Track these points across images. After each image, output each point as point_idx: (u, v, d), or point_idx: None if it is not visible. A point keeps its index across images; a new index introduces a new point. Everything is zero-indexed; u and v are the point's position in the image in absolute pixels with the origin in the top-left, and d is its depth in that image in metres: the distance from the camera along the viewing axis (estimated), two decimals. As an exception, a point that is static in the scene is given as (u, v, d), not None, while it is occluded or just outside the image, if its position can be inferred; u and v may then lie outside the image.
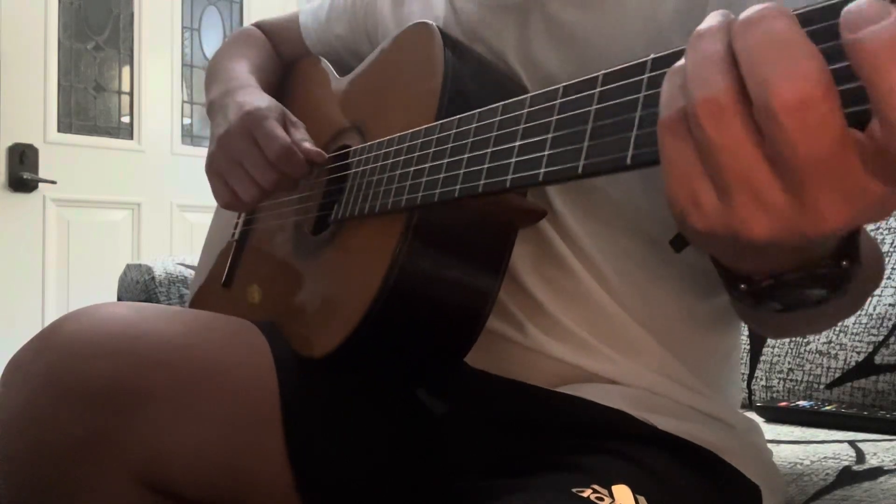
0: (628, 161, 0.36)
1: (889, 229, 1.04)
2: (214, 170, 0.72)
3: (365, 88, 0.74)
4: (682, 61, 0.31)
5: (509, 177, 0.45)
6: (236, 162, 0.70)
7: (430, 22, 0.64)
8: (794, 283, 0.36)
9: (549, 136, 0.42)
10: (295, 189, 0.72)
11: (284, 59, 0.95)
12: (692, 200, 0.31)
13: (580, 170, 0.39)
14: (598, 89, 0.40)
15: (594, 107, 0.39)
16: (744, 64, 0.28)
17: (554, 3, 0.62)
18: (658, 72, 0.36)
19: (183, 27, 2.65)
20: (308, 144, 0.69)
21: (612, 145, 0.37)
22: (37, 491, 0.55)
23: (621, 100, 0.38)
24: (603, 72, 0.40)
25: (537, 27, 0.63)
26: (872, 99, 0.26)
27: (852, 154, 0.27)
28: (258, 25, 0.98)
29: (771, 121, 0.27)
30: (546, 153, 0.42)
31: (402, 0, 0.78)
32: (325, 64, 0.86)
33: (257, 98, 0.74)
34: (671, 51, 0.35)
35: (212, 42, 2.74)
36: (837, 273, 0.36)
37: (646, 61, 0.37)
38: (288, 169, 0.67)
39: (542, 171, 0.42)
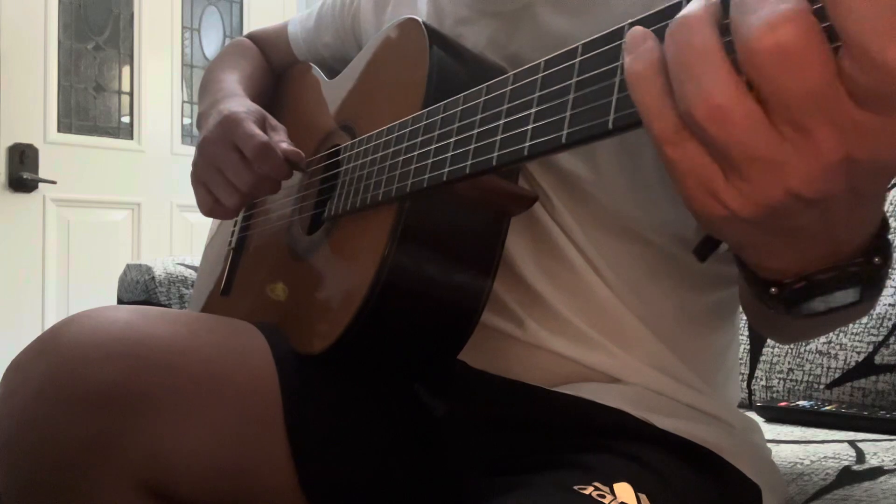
0: (610, 126, 0.36)
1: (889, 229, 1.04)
2: (197, 178, 0.73)
3: (353, 88, 0.75)
4: (655, 54, 0.31)
5: (495, 154, 0.45)
6: (216, 168, 0.70)
7: (416, 17, 0.64)
8: (826, 282, 0.35)
9: (533, 110, 0.43)
10: (277, 191, 0.72)
11: (276, 68, 0.96)
12: (710, 192, 0.31)
13: (564, 139, 0.39)
14: (579, 59, 0.40)
15: (575, 77, 0.40)
16: (732, 13, 0.28)
17: (544, 11, 0.62)
18: None
19: (183, 27, 2.65)
20: (286, 145, 0.69)
21: (594, 112, 0.38)
22: (38, 495, 0.55)
23: (602, 68, 0.38)
24: (582, 42, 0.40)
25: (526, 33, 0.63)
26: (836, 28, 0.26)
27: (840, 86, 0.27)
28: (250, 36, 0.99)
29: (755, 68, 0.27)
30: (530, 127, 0.42)
31: (384, 6, 0.78)
32: (316, 69, 0.87)
33: (237, 104, 0.74)
34: (648, 14, 0.35)
35: (212, 42, 2.74)
36: (870, 270, 0.35)
37: (623, 27, 0.37)
38: (266, 168, 0.68)
39: (527, 145, 0.42)
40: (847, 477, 0.70)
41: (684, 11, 0.30)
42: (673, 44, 0.30)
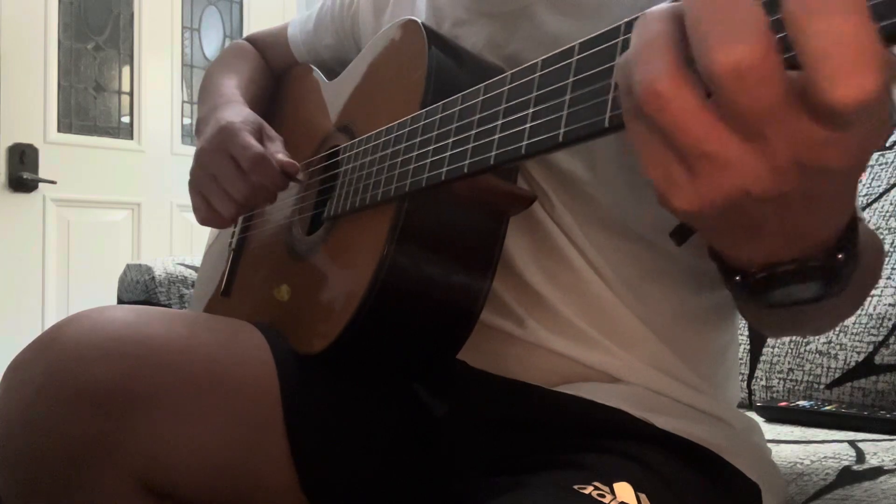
0: (606, 124, 0.36)
1: (889, 229, 1.04)
2: (194, 186, 0.74)
3: (353, 89, 0.75)
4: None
5: (493, 153, 0.46)
6: (211, 177, 0.71)
7: (415, 18, 0.64)
8: (787, 275, 0.35)
9: (530, 110, 0.43)
10: (273, 202, 0.73)
11: (276, 69, 0.96)
12: (667, 180, 0.31)
13: (561, 138, 0.40)
14: (576, 58, 0.40)
15: (572, 76, 0.40)
16: (688, 27, 0.28)
17: (542, 11, 0.62)
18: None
19: (183, 27, 2.65)
20: (282, 156, 0.70)
21: (591, 110, 0.38)
22: (38, 493, 0.55)
23: (598, 66, 0.38)
24: (579, 41, 0.40)
25: (524, 34, 0.63)
26: (796, 48, 0.26)
27: (793, 101, 0.27)
28: (250, 39, 1.00)
29: (712, 83, 0.28)
30: (527, 126, 0.43)
31: (382, 8, 0.78)
32: (316, 71, 0.87)
33: (234, 113, 0.75)
34: (645, 12, 0.35)
35: (212, 42, 2.74)
36: (832, 266, 0.35)
37: (619, 26, 0.37)
38: (261, 179, 0.68)
39: (525, 143, 0.43)
40: (847, 477, 0.70)
41: (650, 8, 0.31)
42: (633, 34, 0.31)
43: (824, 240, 0.35)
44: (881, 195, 1.07)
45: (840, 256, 0.35)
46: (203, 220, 0.74)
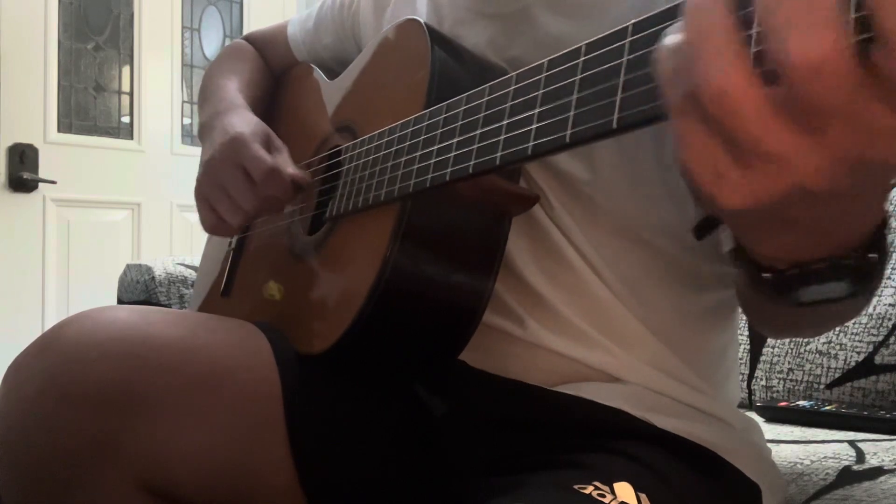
0: (614, 125, 0.36)
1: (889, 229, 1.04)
2: (201, 195, 0.73)
3: (354, 89, 0.75)
4: (678, 37, 0.30)
5: (499, 154, 0.45)
6: (221, 187, 0.71)
7: (417, 17, 0.64)
8: (819, 272, 0.35)
9: (537, 110, 0.43)
10: (281, 212, 0.73)
11: (275, 69, 0.95)
12: (715, 175, 0.30)
13: (567, 139, 0.39)
14: (582, 58, 0.40)
15: (578, 76, 0.40)
16: (760, 17, 0.27)
17: (542, 13, 0.62)
18: (640, 34, 0.36)
19: (183, 27, 2.65)
20: (292, 169, 0.70)
21: (598, 112, 0.37)
22: (38, 493, 0.55)
23: (605, 67, 0.38)
24: (585, 42, 0.40)
25: (525, 35, 0.63)
26: (875, 26, 0.25)
27: (864, 90, 0.26)
28: (248, 38, 0.99)
29: (785, 76, 0.26)
30: (534, 126, 0.42)
31: (383, 8, 0.78)
32: (317, 70, 0.87)
33: (242, 122, 0.75)
34: (652, 13, 0.35)
35: (212, 42, 2.74)
36: (864, 265, 0.35)
37: (627, 27, 0.37)
38: (273, 191, 0.69)
39: (531, 144, 0.42)
40: (847, 477, 0.70)
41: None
42: (685, 24, 0.29)
43: (859, 237, 0.35)
44: (881, 195, 1.07)
45: (872, 256, 0.35)
46: (210, 229, 0.74)
